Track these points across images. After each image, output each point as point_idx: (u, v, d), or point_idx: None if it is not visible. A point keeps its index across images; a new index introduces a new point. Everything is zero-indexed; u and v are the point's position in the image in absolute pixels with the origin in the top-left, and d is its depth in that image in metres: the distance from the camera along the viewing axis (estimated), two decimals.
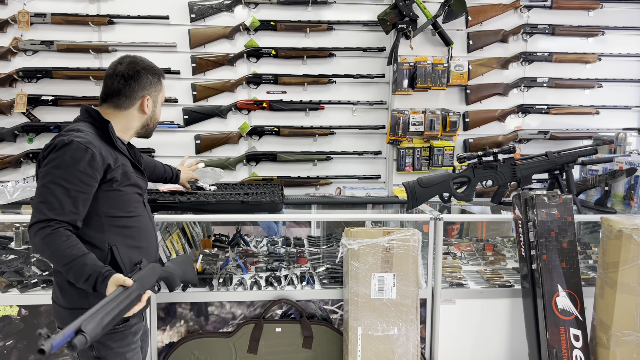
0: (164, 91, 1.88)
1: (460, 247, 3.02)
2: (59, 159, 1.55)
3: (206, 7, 3.19)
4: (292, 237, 3.30)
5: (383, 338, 2.32)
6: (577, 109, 3.39)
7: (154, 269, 1.63)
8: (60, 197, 1.54)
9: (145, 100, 1.77)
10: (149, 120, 1.83)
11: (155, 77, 1.80)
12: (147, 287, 1.55)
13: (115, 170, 1.65)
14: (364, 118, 3.37)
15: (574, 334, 2.28)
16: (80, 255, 1.52)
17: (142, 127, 1.83)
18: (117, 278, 1.48)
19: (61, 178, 1.54)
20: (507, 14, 3.32)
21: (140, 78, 1.75)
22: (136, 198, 1.77)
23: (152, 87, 1.79)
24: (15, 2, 3.09)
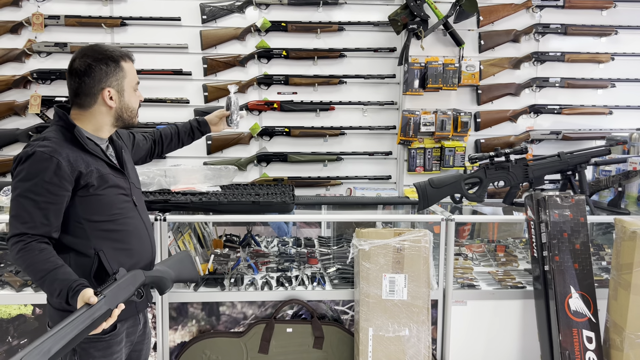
0: (131, 74, 1.70)
1: (471, 248, 3.01)
2: (24, 171, 1.51)
3: (217, 9, 3.20)
4: (303, 237, 3.31)
5: (394, 339, 2.32)
6: (590, 109, 3.36)
7: (133, 278, 1.55)
8: (30, 210, 1.50)
9: (106, 94, 1.63)
10: (119, 112, 1.68)
11: (112, 65, 1.63)
12: (120, 300, 1.47)
13: (89, 175, 1.58)
14: (374, 118, 3.37)
15: (587, 336, 2.27)
16: (52, 269, 1.47)
17: (114, 121, 1.70)
18: (83, 295, 1.40)
19: (29, 191, 1.50)
20: (519, 13, 3.30)
21: (93, 71, 1.61)
22: (120, 199, 1.69)
23: (110, 76, 1.63)
24: (29, 5, 3.13)
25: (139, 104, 1.76)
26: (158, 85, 3.24)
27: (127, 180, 1.73)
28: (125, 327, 1.70)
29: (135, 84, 1.73)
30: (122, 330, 1.68)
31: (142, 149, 2.06)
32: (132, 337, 1.76)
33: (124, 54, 1.68)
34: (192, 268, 1.87)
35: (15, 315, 2.33)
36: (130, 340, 1.75)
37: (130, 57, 1.71)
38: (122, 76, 1.66)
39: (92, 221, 1.61)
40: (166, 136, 2.14)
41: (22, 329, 2.34)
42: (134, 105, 1.73)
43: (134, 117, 1.74)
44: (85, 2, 3.15)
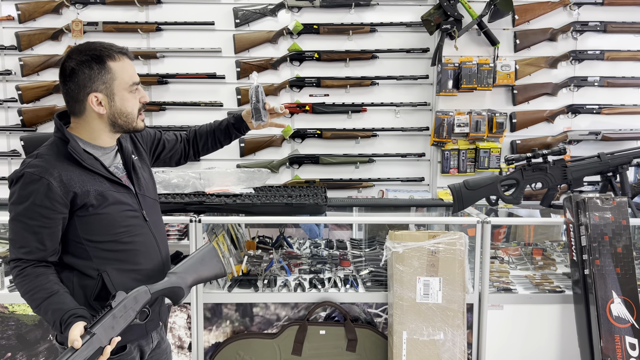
0: (124, 75, 1.48)
1: (507, 251, 2.95)
2: (16, 194, 1.42)
3: (250, 12, 3.23)
4: (335, 239, 3.30)
5: (429, 343, 2.29)
6: (630, 109, 3.26)
7: (134, 301, 1.41)
8: (24, 235, 1.42)
9: (92, 99, 1.46)
10: (112, 118, 1.49)
11: (95, 67, 1.44)
12: (116, 332, 1.35)
13: (85, 195, 1.44)
14: (407, 120, 3.34)
15: (630, 343, 2.19)
16: (46, 298, 1.40)
17: (111, 127, 1.52)
18: (71, 333, 1.29)
19: (21, 214, 1.41)
20: (556, 11, 3.22)
21: (77, 76, 1.44)
22: (125, 216, 1.54)
23: (95, 80, 1.45)
24: (69, 12, 3.23)
25: (139, 106, 1.55)
26: (192, 89, 3.29)
27: (133, 194, 1.58)
28: (137, 345, 1.61)
29: (131, 84, 1.50)
30: (133, 349, 1.58)
31: (173, 149, 1.89)
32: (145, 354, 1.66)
33: (112, 52, 1.47)
34: (216, 263, 1.65)
35: None
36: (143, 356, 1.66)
37: (124, 54, 1.50)
38: (109, 78, 1.46)
39: (93, 241, 1.49)
40: (201, 135, 1.95)
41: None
42: (129, 110, 1.51)
43: (132, 122, 1.53)
44: (122, 9, 3.23)
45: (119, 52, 1.49)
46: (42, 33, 3.21)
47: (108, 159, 1.57)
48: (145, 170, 1.70)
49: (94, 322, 1.33)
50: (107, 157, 1.57)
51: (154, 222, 1.64)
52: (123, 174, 1.60)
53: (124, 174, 1.60)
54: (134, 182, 1.60)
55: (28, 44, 3.21)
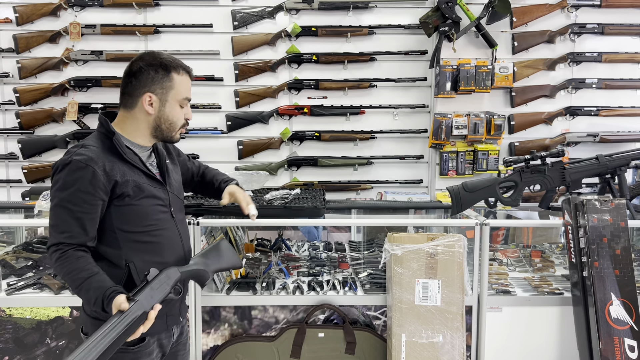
0: (181, 88, 1.65)
1: (506, 253, 2.95)
2: (61, 180, 1.51)
3: (248, 15, 3.23)
4: (333, 242, 3.30)
5: (427, 345, 2.29)
6: (629, 111, 3.26)
7: (167, 277, 1.53)
8: (67, 220, 1.51)
9: (146, 98, 1.61)
10: (157, 121, 1.64)
11: (161, 73, 1.61)
12: (156, 300, 1.46)
13: (124, 184, 1.56)
14: (405, 122, 3.34)
15: (629, 345, 2.19)
16: (87, 278, 1.48)
17: (153, 130, 1.66)
18: (116, 302, 1.41)
19: (66, 200, 1.51)
20: (554, 14, 3.23)
21: (141, 74, 1.60)
22: (157, 210, 1.66)
23: (155, 83, 1.61)
24: (67, 15, 3.22)
25: (183, 121, 1.70)
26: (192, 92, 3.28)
27: (165, 191, 1.70)
28: (156, 339, 1.67)
29: (183, 99, 1.66)
30: (152, 342, 1.66)
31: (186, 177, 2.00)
32: (165, 348, 1.73)
33: (178, 66, 1.64)
34: (232, 255, 1.82)
35: (54, 317, 2.39)
36: (163, 351, 1.72)
37: (186, 71, 1.67)
38: (168, 86, 1.62)
39: (125, 231, 1.60)
40: (203, 184, 2.09)
41: (60, 331, 2.39)
42: (174, 119, 1.66)
43: (173, 131, 1.68)
44: (120, 11, 3.23)
45: (184, 68, 1.66)
46: (39, 35, 3.20)
47: (144, 156, 1.69)
48: (176, 174, 1.83)
49: (134, 293, 1.44)
50: (144, 155, 1.69)
51: (179, 220, 1.76)
52: (157, 172, 1.72)
53: (158, 172, 1.72)
54: (166, 181, 1.72)
55: (26, 46, 3.20)
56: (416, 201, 3.10)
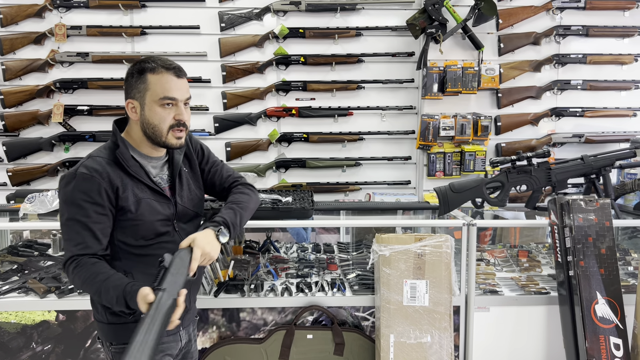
0: (156, 87, 1.55)
1: (493, 253, 2.96)
2: (69, 193, 1.51)
3: (236, 16, 3.23)
4: (322, 243, 3.29)
5: (416, 346, 2.29)
6: (613, 112, 3.30)
7: (181, 260, 1.46)
8: (80, 232, 1.51)
9: (129, 105, 1.59)
10: (142, 126, 1.58)
11: (135, 76, 1.56)
12: (180, 286, 1.40)
13: (125, 199, 1.55)
14: (393, 123, 3.35)
15: (614, 343, 2.21)
16: (104, 280, 1.46)
17: (145, 137, 1.61)
18: (141, 295, 1.37)
19: (76, 213, 1.50)
20: (539, 15, 3.26)
21: (125, 84, 1.61)
22: (158, 225, 1.62)
23: (133, 88, 1.57)
24: (52, 16, 3.20)
25: (171, 122, 1.58)
26: None
27: (171, 205, 1.65)
28: (163, 342, 1.64)
29: (162, 97, 1.55)
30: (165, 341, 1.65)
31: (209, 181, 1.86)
32: (172, 351, 1.71)
33: (156, 66, 1.55)
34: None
35: (39, 322, 2.36)
36: (170, 354, 1.70)
37: (168, 69, 1.56)
38: (143, 88, 1.55)
39: (125, 244, 1.60)
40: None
41: (45, 335, 2.37)
42: (156, 122, 1.57)
43: (160, 135, 1.58)
44: (106, 13, 3.20)
45: (163, 66, 1.56)
46: (24, 37, 3.17)
47: (155, 168, 1.67)
48: (193, 184, 1.77)
49: (157, 282, 1.38)
50: (154, 167, 1.67)
51: (186, 233, 1.62)
52: (166, 185, 1.68)
53: (167, 185, 1.68)
54: (176, 192, 1.68)
55: (10, 48, 3.17)
56: (404, 202, 3.11)
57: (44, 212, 2.55)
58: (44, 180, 3.26)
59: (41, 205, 2.55)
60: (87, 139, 3.19)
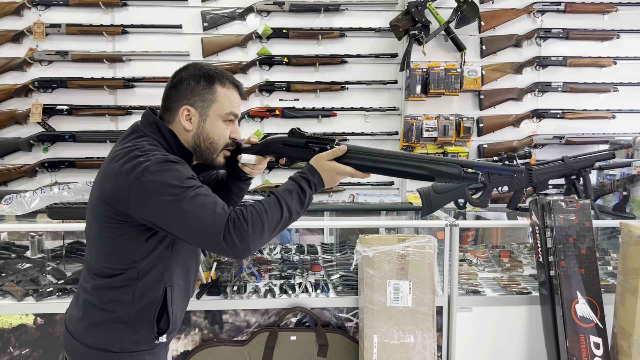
0: (225, 102, 1.45)
1: (475, 253, 2.98)
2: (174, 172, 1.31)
3: (219, 16, 3.20)
4: (306, 244, 3.28)
5: (399, 346, 2.30)
6: (592, 113, 3.35)
7: None
8: (211, 195, 1.33)
9: (184, 112, 1.42)
10: (196, 139, 1.44)
11: (202, 84, 1.43)
12: None
13: None
14: (376, 124, 3.36)
15: (594, 342, 2.24)
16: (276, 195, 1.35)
17: (192, 150, 1.45)
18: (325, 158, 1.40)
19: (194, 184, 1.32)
20: (521, 18, 3.30)
21: (181, 85, 1.43)
22: None
23: (195, 95, 1.42)
24: (30, 14, 3.14)
25: (227, 140, 1.49)
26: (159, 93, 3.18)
27: None
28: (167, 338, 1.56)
29: (228, 113, 1.46)
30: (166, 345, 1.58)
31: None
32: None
33: (224, 78, 1.46)
34: None
35: (17, 325, 2.31)
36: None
37: (236, 87, 1.49)
38: (210, 99, 1.43)
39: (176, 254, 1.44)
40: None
41: (23, 339, 2.32)
42: (216, 137, 1.45)
43: (213, 151, 1.46)
44: (87, 11, 3.16)
45: (232, 82, 1.48)
46: (2, 35, 3.11)
47: None
48: None
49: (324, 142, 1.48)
50: None
51: None
52: None
53: None
54: None
55: None
56: (387, 203, 3.12)
57: (21, 214, 2.50)
58: (22, 181, 3.19)
59: (19, 207, 2.50)
60: (67, 139, 3.14)
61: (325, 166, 1.42)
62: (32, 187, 3.15)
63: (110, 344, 1.43)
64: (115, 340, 1.43)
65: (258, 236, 1.30)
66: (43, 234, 2.81)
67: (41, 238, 2.86)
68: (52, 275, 2.54)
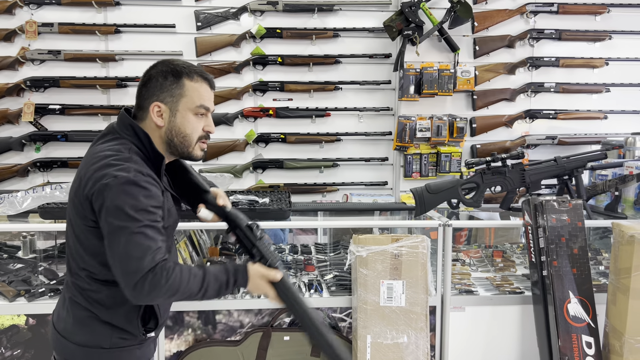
0: (194, 95, 1.45)
1: (469, 253, 2.99)
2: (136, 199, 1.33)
3: (212, 16, 3.20)
4: (299, 244, 3.28)
5: (392, 346, 2.30)
6: (585, 114, 3.37)
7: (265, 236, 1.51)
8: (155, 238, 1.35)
9: (155, 108, 1.44)
10: (169, 134, 1.45)
11: (170, 79, 1.43)
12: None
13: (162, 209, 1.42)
14: (370, 124, 3.36)
15: (586, 341, 2.25)
16: (205, 272, 1.39)
17: (166, 145, 1.47)
18: (265, 274, 1.42)
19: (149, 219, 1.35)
20: (514, 19, 3.31)
21: (150, 82, 1.45)
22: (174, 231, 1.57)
23: (164, 91, 1.43)
24: (22, 12, 3.12)
25: (201, 133, 1.49)
26: None
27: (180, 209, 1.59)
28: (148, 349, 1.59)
29: (198, 106, 1.46)
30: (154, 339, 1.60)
31: None
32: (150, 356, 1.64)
33: (192, 72, 1.46)
34: None
35: (9, 326, 2.30)
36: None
37: (205, 79, 1.48)
38: (179, 94, 1.44)
39: None
40: None
41: (15, 340, 2.31)
42: (188, 131, 1.46)
43: (188, 145, 1.48)
44: (79, 10, 3.14)
45: (200, 75, 1.47)
46: None
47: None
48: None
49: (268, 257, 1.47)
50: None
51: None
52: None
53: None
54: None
55: None
56: (381, 203, 3.12)
57: (13, 214, 2.49)
58: (13, 181, 3.17)
59: (10, 207, 2.49)
60: (59, 138, 3.12)
61: (256, 278, 1.45)
62: (24, 187, 3.13)
63: (100, 341, 1.44)
64: (105, 337, 1.44)
65: (166, 296, 1.35)
66: (35, 234, 2.80)
67: (33, 238, 2.84)
68: (44, 276, 2.53)
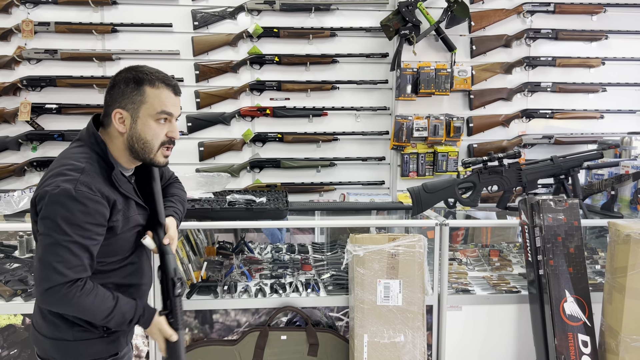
0: (155, 102, 1.46)
1: (465, 252, 3.00)
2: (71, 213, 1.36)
3: (209, 15, 3.19)
4: (296, 243, 3.28)
5: (389, 345, 2.30)
6: (581, 114, 3.38)
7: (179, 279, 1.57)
8: (79, 255, 1.38)
9: (116, 114, 1.45)
10: (130, 140, 1.47)
11: (131, 86, 1.45)
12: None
13: (115, 217, 1.45)
14: (367, 124, 3.37)
15: (582, 340, 2.26)
16: (116, 302, 1.45)
17: (129, 151, 1.49)
18: (161, 326, 1.53)
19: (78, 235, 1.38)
20: (510, 19, 3.31)
21: (113, 90, 1.46)
22: (135, 237, 1.56)
23: (125, 98, 1.45)
24: (19, 11, 3.11)
25: (163, 139, 1.50)
26: None
27: (147, 213, 1.59)
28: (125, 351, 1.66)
29: (159, 112, 1.46)
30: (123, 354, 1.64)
31: None
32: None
33: (155, 79, 1.46)
34: None
35: (5, 326, 2.30)
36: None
37: (168, 85, 1.49)
38: (139, 100, 1.45)
39: (105, 263, 1.50)
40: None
41: (11, 340, 2.30)
42: (149, 137, 1.47)
43: (150, 152, 1.49)
44: (76, 9, 3.13)
45: (162, 81, 1.48)
46: None
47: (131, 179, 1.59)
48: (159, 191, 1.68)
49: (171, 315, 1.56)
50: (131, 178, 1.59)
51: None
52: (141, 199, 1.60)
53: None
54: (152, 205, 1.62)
55: None
56: (378, 202, 3.12)
57: (10, 213, 2.48)
58: (10, 181, 3.16)
59: (7, 206, 2.48)
60: (56, 138, 3.12)
61: (156, 329, 1.55)
62: (20, 186, 3.12)
63: (63, 334, 1.51)
64: (66, 331, 1.50)
65: (70, 311, 1.44)
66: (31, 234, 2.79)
67: (30, 238, 2.84)
68: None
